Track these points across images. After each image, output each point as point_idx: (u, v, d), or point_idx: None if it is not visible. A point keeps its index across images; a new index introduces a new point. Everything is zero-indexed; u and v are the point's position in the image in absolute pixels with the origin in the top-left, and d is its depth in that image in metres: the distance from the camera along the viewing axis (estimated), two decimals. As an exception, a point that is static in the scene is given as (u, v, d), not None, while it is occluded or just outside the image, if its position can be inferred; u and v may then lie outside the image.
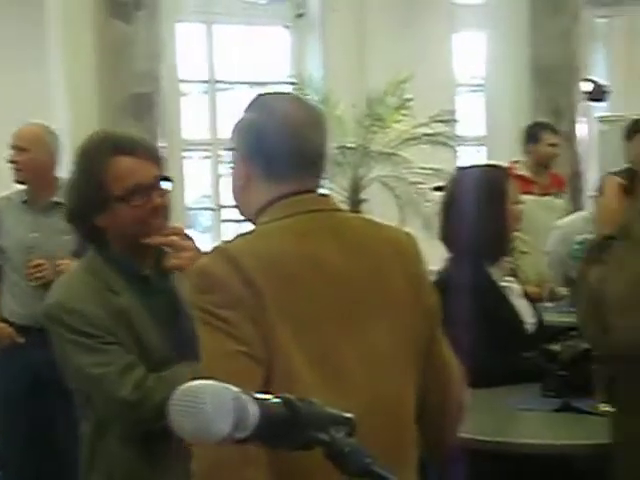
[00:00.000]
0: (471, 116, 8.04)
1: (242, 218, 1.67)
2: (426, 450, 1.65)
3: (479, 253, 2.84)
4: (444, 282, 2.79)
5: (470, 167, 3.14)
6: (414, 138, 6.78)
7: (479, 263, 2.84)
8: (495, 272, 2.87)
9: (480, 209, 2.84)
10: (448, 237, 2.94)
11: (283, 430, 1.00)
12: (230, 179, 1.66)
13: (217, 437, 0.95)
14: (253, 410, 0.98)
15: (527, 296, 2.98)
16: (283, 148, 1.57)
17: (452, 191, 2.96)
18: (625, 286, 1.72)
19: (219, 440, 0.95)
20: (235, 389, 0.97)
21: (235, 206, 1.67)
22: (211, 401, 0.94)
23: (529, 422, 2.50)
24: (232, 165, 1.65)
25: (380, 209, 6.30)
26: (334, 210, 1.63)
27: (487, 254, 2.87)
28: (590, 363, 2.47)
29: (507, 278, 2.93)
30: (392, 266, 1.59)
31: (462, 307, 2.62)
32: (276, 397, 1.02)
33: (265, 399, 1.01)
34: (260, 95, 1.67)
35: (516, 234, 2.99)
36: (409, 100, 6.63)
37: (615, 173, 2.91)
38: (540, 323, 2.91)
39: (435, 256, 4.86)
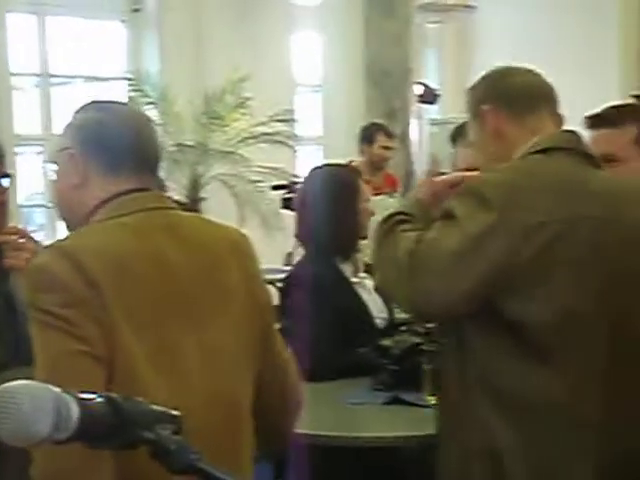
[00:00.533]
0: (310, 116, 8.15)
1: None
2: (262, 446, 1.67)
3: (331, 250, 2.90)
4: (296, 278, 2.85)
5: (323, 166, 3.19)
6: (253, 137, 6.81)
7: (330, 260, 2.90)
8: (347, 268, 2.93)
9: (332, 207, 2.92)
10: (301, 234, 3.01)
11: (106, 430, 0.99)
12: (55, 180, 1.62)
13: (36, 438, 0.93)
14: (74, 410, 0.96)
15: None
16: (126, 145, 1.56)
17: (305, 189, 3.03)
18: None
19: (38, 441, 0.93)
20: (55, 389, 0.96)
21: (57, 206, 1.64)
22: (29, 402, 0.92)
23: (361, 416, 2.56)
24: (62, 164, 1.61)
25: (219, 207, 6.29)
26: (170, 208, 1.63)
27: (338, 251, 2.93)
28: (419, 357, 2.56)
29: (360, 274, 2.99)
30: (229, 264, 1.60)
31: (313, 302, 2.69)
32: (99, 396, 1.01)
33: (88, 399, 1.00)
34: (93, 101, 1.66)
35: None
36: (248, 99, 6.65)
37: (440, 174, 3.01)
38: (392, 318, 2.98)
39: (273, 254, 4.91)
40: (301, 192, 3.07)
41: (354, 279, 2.95)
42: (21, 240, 1.89)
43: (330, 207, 2.91)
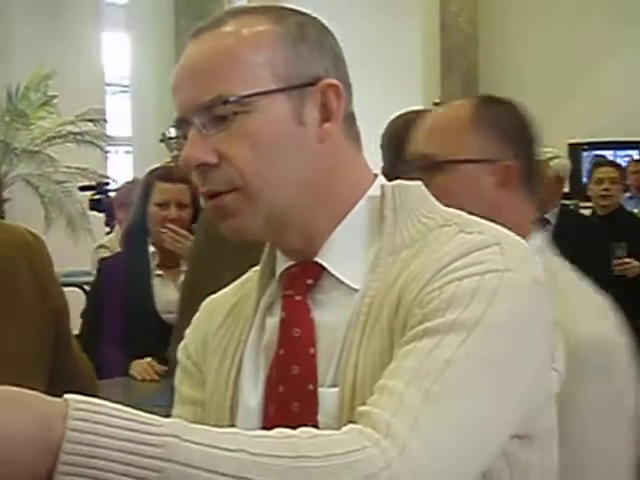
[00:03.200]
0: (121, 116, 8.01)
1: None
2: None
3: (124, 244, 2.96)
4: (104, 271, 2.91)
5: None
6: (60, 136, 6.62)
7: (136, 257, 2.91)
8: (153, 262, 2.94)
9: (134, 208, 3.02)
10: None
11: None
12: None
13: None
14: None
15: None
16: None
17: None
18: None
19: None
20: None
21: None
22: None
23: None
24: None
25: (23, 208, 6.08)
26: None
27: (131, 246, 2.96)
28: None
29: (182, 268, 2.99)
30: (19, 267, 1.56)
31: (120, 299, 2.74)
32: None
33: None
34: None
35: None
36: (54, 97, 6.46)
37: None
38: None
39: (79, 256, 4.80)
40: None
41: (158, 271, 2.95)
42: None
43: (134, 207, 3.01)
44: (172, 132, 0.94)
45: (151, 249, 2.91)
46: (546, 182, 3.52)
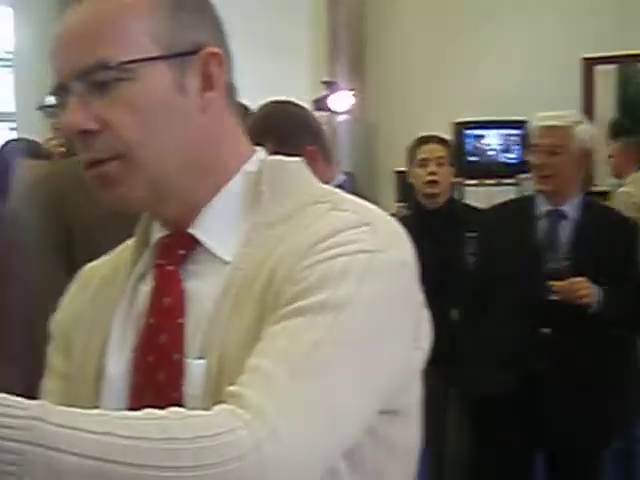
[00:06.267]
0: (3, 92, 7.79)
1: None
2: None
3: None
4: None
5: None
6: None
7: None
8: None
9: None
10: None
11: None
12: None
13: None
14: None
15: None
16: None
17: None
18: None
19: None
20: None
21: None
22: None
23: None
24: None
25: None
26: None
27: None
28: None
29: None
30: None
31: None
32: None
33: None
34: None
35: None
36: None
37: None
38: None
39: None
40: None
41: None
42: None
43: None
44: (51, 100, 0.92)
45: None
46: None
